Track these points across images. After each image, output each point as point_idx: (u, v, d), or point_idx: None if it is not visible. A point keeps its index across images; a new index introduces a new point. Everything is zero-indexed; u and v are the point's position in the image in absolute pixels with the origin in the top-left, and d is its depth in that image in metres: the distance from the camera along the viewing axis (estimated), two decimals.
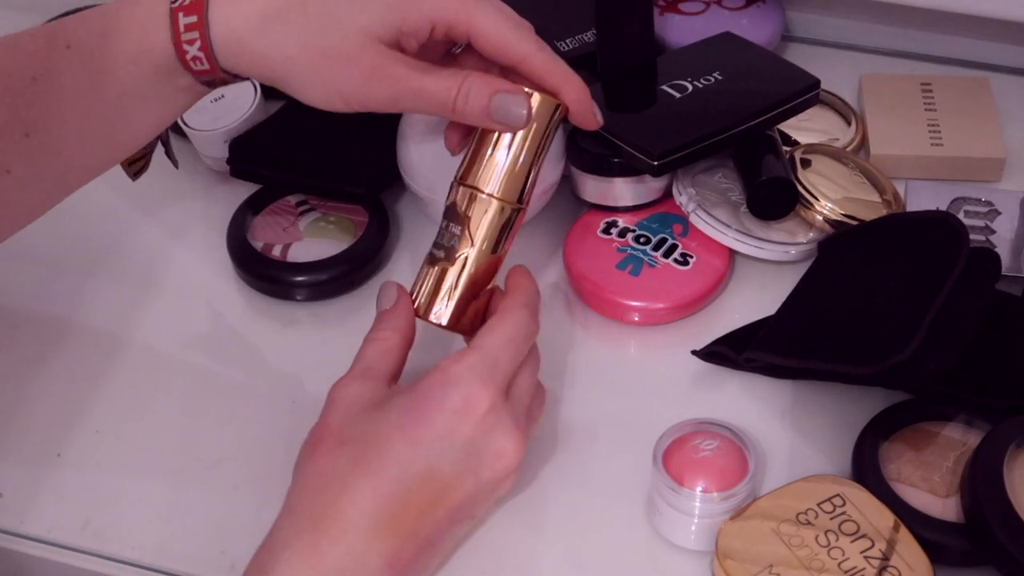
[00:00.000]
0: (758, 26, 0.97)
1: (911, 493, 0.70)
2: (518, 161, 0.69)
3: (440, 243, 0.71)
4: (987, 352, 0.73)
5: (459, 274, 0.70)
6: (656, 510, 0.70)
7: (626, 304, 0.81)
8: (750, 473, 0.69)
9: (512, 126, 0.68)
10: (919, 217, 0.80)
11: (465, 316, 0.71)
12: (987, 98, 0.94)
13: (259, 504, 0.72)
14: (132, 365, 0.81)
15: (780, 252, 0.83)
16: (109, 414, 0.78)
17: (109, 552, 0.72)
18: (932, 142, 0.91)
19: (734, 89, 0.85)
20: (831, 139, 0.92)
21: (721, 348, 0.78)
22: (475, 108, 0.67)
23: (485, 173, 0.69)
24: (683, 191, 0.84)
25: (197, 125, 0.89)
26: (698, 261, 0.83)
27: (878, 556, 0.66)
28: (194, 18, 0.65)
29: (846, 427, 0.75)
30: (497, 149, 0.69)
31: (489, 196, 0.69)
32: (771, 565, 0.65)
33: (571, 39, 0.92)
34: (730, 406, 0.77)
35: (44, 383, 0.80)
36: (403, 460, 0.63)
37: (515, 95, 0.67)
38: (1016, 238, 0.84)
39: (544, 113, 0.69)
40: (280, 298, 0.84)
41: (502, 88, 0.67)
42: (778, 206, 0.82)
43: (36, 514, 0.73)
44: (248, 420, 0.78)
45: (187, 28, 0.65)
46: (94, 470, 0.75)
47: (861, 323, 0.74)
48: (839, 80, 0.95)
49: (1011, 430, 0.69)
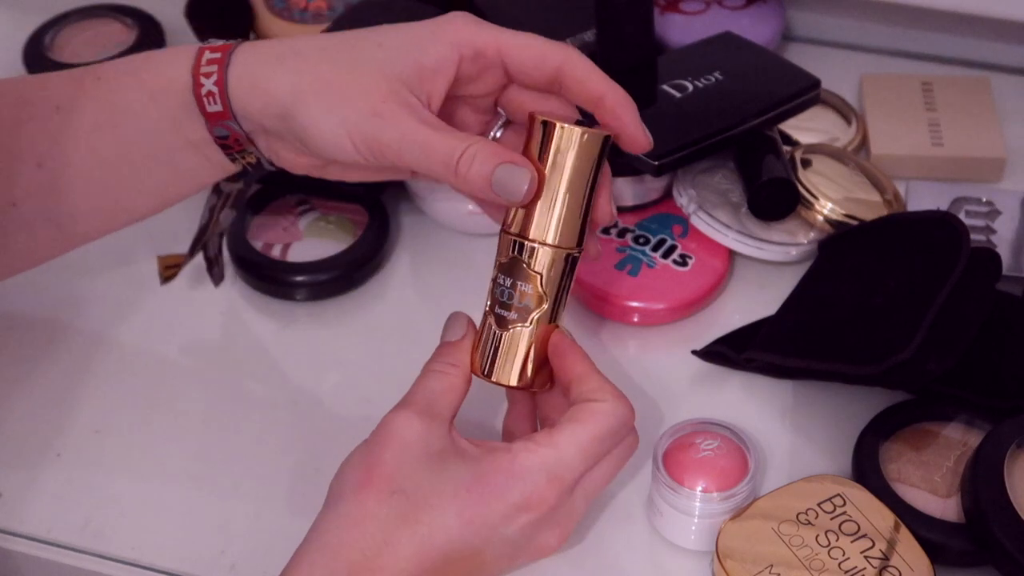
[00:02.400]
0: (758, 26, 0.97)
1: (911, 493, 0.70)
2: (579, 204, 0.64)
3: (506, 302, 0.66)
4: (987, 352, 0.73)
5: (534, 333, 0.66)
6: (656, 510, 0.70)
7: (625, 304, 0.81)
8: (750, 473, 0.69)
9: (510, 201, 0.63)
10: (920, 217, 0.80)
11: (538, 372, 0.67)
12: (987, 98, 0.94)
13: (259, 504, 0.72)
14: (132, 365, 0.81)
15: (781, 253, 0.83)
16: (109, 414, 0.78)
17: (109, 552, 0.72)
18: (933, 142, 0.91)
19: (734, 89, 0.85)
20: (831, 139, 0.92)
21: (721, 348, 0.78)
22: (477, 175, 0.62)
23: (544, 223, 0.64)
24: (683, 192, 0.84)
25: None
26: (697, 262, 0.83)
27: (878, 556, 0.66)
28: (217, 55, 0.65)
29: (846, 427, 0.74)
30: (556, 195, 0.64)
31: (555, 247, 0.64)
32: (771, 565, 0.65)
33: (571, 39, 0.92)
34: (730, 406, 0.77)
35: (44, 383, 0.80)
36: (452, 534, 0.62)
37: (521, 168, 0.63)
38: (1017, 238, 0.84)
39: (592, 148, 0.64)
40: (280, 298, 0.84)
41: (509, 159, 0.63)
42: (779, 207, 0.82)
43: (36, 514, 0.73)
44: (248, 420, 0.77)
45: (208, 63, 0.65)
46: (94, 470, 0.75)
47: (861, 323, 0.74)
48: (839, 80, 0.95)
49: (1011, 430, 0.69)
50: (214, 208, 0.77)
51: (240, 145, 0.67)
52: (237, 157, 0.68)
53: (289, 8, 0.99)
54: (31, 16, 1.01)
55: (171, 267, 0.81)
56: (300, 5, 0.99)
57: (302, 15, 0.98)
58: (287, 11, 0.99)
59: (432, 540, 0.61)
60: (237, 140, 0.67)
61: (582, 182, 0.64)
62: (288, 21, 0.98)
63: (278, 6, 0.99)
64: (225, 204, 0.77)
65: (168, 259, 0.81)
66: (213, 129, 0.66)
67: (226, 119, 0.65)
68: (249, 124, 0.66)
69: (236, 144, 0.67)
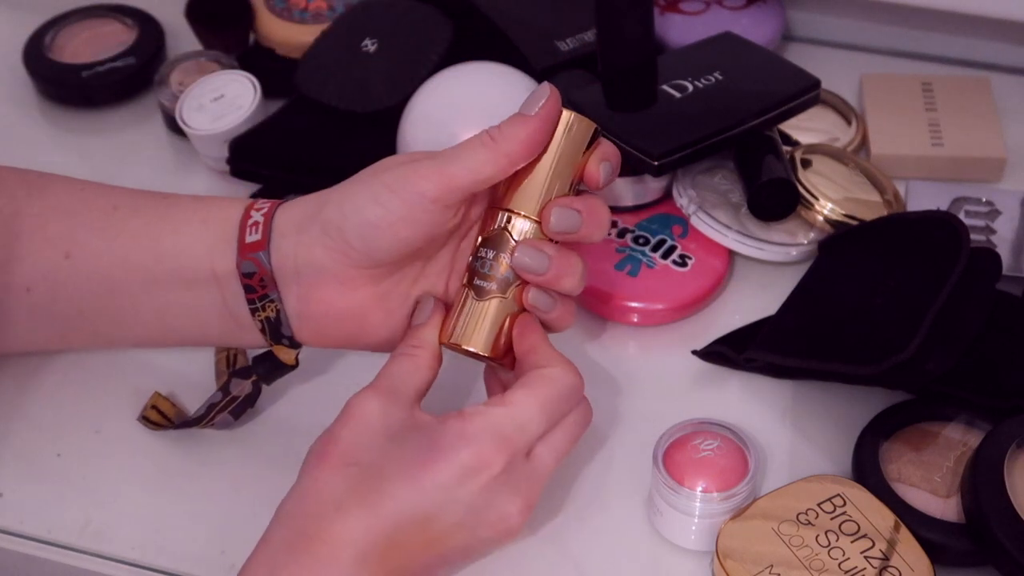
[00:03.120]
0: (758, 26, 0.97)
1: (911, 493, 0.70)
2: (565, 184, 0.66)
3: (487, 273, 0.67)
4: (987, 352, 0.73)
5: (510, 306, 0.67)
6: (656, 510, 0.70)
7: (625, 305, 0.81)
8: (750, 473, 0.69)
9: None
10: (920, 217, 0.80)
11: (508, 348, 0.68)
12: (987, 98, 0.94)
13: (259, 504, 0.72)
14: (132, 365, 0.81)
15: (781, 253, 0.83)
16: (109, 414, 0.78)
17: (109, 552, 0.72)
18: (933, 142, 0.91)
19: (734, 89, 0.85)
20: (831, 139, 0.92)
21: (721, 348, 0.78)
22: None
23: (529, 197, 0.66)
24: (683, 193, 0.84)
25: (197, 125, 0.89)
26: (697, 262, 0.83)
27: (878, 556, 0.66)
28: (267, 207, 0.69)
29: (846, 427, 0.75)
30: (544, 173, 0.66)
31: (538, 222, 0.66)
32: (771, 565, 0.65)
33: (571, 39, 0.92)
34: (730, 406, 0.77)
35: (44, 383, 0.80)
36: (401, 500, 0.62)
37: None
38: (1017, 238, 0.84)
39: (582, 134, 0.66)
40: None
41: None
42: (779, 207, 0.82)
43: (36, 514, 0.73)
44: (247, 420, 0.77)
45: (258, 208, 0.69)
46: (94, 470, 0.75)
47: (861, 323, 0.74)
48: (839, 80, 0.95)
49: (1011, 430, 0.69)
50: (213, 407, 0.75)
51: (264, 288, 0.67)
52: (258, 305, 0.68)
53: (289, 8, 0.99)
54: (31, 16, 1.01)
55: (155, 413, 0.76)
56: (300, 5, 0.99)
57: (302, 15, 0.98)
58: (287, 11, 0.99)
59: (382, 507, 0.61)
60: (262, 281, 0.67)
61: (568, 163, 0.66)
62: (288, 21, 0.98)
63: (278, 6, 0.99)
64: (226, 408, 0.75)
65: (159, 400, 0.76)
66: (242, 263, 0.67)
67: (260, 249, 0.67)
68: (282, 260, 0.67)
69: (260, 286, 0.67)
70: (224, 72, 0.91)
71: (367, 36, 0.92)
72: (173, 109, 0.90)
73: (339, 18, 0.96)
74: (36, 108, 0.99)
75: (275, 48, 0.98)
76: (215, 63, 0.95)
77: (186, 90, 0.90)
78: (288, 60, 0.96)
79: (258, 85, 0.90)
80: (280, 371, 0.73)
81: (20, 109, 0.99)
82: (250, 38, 0.99)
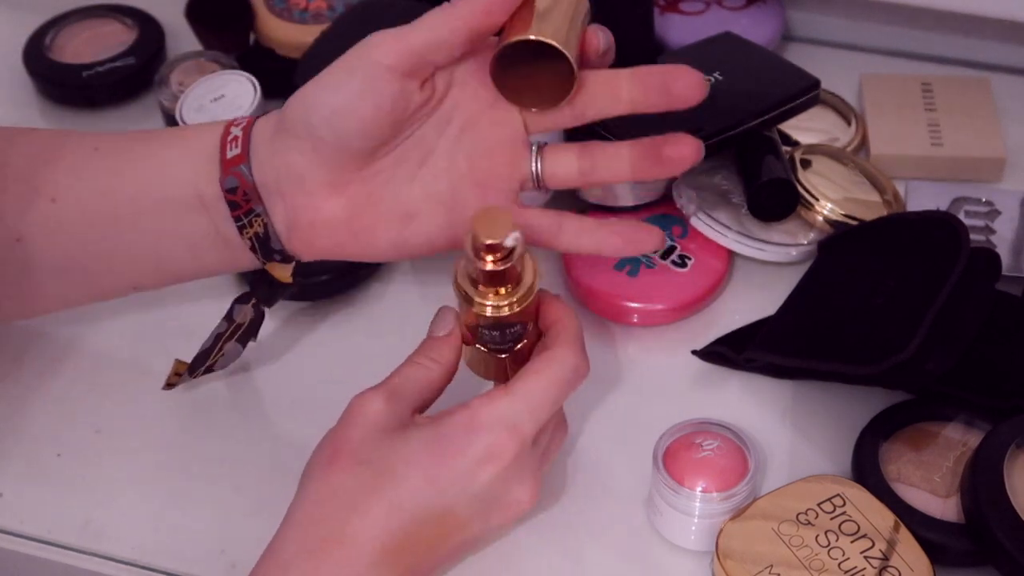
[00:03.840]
0: (758, 26, 0.97)
1: (911, 493, 0.70)
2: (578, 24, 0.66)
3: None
4: (987, 352, 0.73)
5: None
6: (656, 510, 0.70)
7: (624, 305, 0.81)
8: (750, 473, 0.69)
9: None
10: (919, 217, 0.80)
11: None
12: (987, 98, 0.94)
13: (259, 504, 0.72)
14: (132, 365, 0.81)
15: (781, 253, 0.83)
16: (109, 414, 0.78)
17: (109, 552, 0.72)
18: (932, 142, 0.91)
19: (734, 89, 0.85)
20: (831, 139, 0.92)
21: (721, 348, 0.78)
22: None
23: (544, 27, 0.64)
24: (683, 194, 0.84)
25: None
26: (696, 263, 0.83)
27: (878, 556, 0.66)
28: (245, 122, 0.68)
29: (846, 427, 0.75)
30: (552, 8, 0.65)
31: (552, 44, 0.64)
32: (771, 565, 0.65)
33: None
34: (730, 406, 0.77)
35: (44, 383, 0.80)
36: (419, 495, 0.62)
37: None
38: (1016, 238, 0.84)
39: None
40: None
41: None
42: (779, 207, 0.82)
43: (36, 514, 0.73)
44: (248, 420, 0.78)
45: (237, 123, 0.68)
46: (94, 470, 0.75)
47: (861, 323, 0.74)
48: (839, 80, 0.95)
49: (1011, 430, 0.69)
50: (220, 336, 0.75)
51: (248, 202, 0.67)
52: (244, 222, 0.67)
53: (289, 8, 0.99)
54: (31, 16, 1.01)
55: (175, 376, 0.78)
56: (300, 5, 0.99)
57: (302, 15, 0.98)
58: (287, 11, 0.98)
59: (400, 503, 0.62)
60: (245, 195, 0.67)
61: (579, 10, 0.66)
62: (288, 21, 0.98)
63: (278, 6, 0.99)
64: (233, 335, 0.75)
65: (180, 366, 0.78)
66: (224, 179, 0.67)
67: (241, 162, 0.66)
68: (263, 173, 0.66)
69: (244, 200, 0.67)
70: (224, 72, 0.91)
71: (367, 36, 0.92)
72: (173, 109, 0.90)
73: (339, 18, 0.95)
74: (36, 108, 0.99)
75: (275, 48, 0.98)
76: (215, 63, 0.95)
77: (186, 90, 0.90)
78: (288, 60, 0.96)
79: (258, 85, 0.90)
80: (279, 291, 0.73)
81: (20, 109, 0.98)
82: (250, 38, 0.99)
